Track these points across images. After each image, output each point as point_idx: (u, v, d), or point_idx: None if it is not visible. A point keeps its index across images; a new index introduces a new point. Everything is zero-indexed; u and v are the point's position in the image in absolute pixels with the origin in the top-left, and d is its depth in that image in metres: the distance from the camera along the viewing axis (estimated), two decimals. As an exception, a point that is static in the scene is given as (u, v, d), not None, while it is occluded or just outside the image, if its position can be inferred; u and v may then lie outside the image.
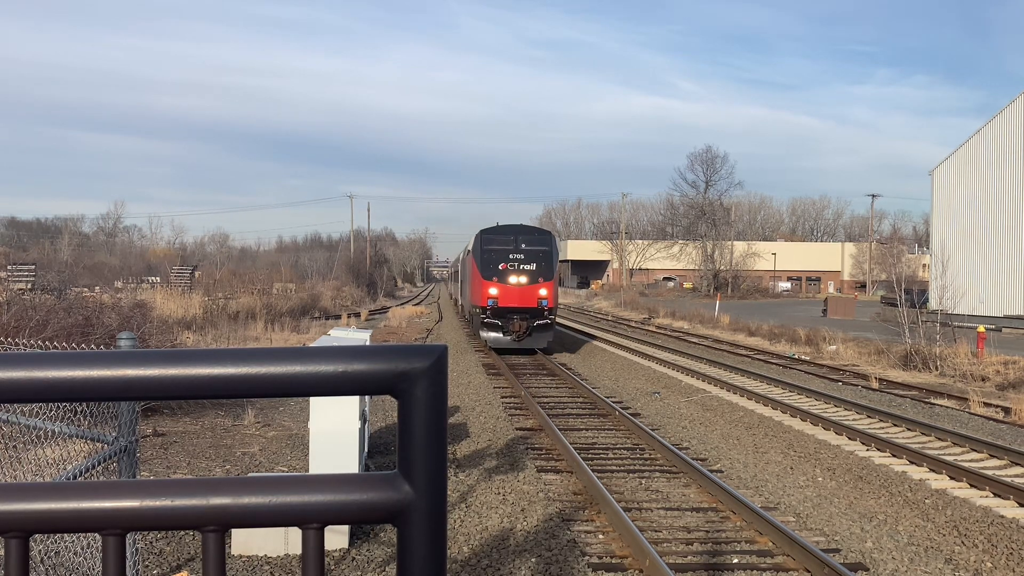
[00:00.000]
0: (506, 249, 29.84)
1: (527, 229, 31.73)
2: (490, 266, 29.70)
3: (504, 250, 29.84)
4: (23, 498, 1.01)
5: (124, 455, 5.81)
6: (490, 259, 29.81)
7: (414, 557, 1.03)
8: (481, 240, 30.71)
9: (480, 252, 30.28)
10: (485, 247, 30.30)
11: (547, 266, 29.89)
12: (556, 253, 30.82)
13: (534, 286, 29.41)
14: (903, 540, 9.91)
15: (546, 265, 29.88)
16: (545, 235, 31.67)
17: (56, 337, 14.04)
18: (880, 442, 14.94)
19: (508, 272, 29.42)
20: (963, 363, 26.33)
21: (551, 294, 29.60)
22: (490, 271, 29.66)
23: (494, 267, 29.60)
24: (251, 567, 8.39)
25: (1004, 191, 50.48)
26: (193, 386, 1.02)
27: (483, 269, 29.79)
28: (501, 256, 29.71)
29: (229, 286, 50.42)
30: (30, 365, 1.02)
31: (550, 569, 8.65)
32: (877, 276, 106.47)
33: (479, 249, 30.37)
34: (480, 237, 30.86)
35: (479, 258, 30.20)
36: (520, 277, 29.39)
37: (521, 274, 29.46)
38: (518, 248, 29.95)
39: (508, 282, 29.31)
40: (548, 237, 31.42)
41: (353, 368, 1.03)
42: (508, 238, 30.44)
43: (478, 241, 30.79)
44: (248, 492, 1.02)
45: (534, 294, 29.29)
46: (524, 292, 29.20)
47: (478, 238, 30.90)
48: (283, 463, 12.95)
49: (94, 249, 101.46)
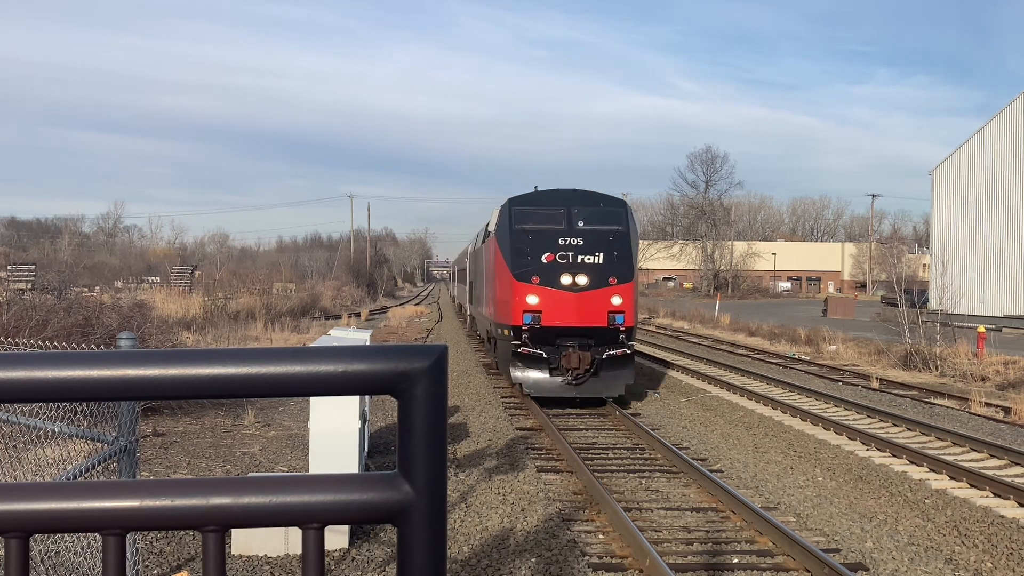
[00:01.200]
0: (553, 230, 18.94)
1: (587, 197, 20.01)
2: (526, 257, 18.63)
3: (550, 231, 18.91)
4: (23, 498, 1.01)
5: (124, 455, 5.81)
6: (527, 246, 18.80)
7: (414, 557, 1.03)
8: (511, 215, 19.42)
9: (510, 235, 19.09)
10: (518, 226, 19.13)
11: (623, 257, 18.76)
12: (636, 235, 19.74)
13: (602, 291, 18.33)
14: (903, 540, 9.91)
15: (621, 255, 18.75)
16: (617, 206, 19.94)
17: (56, 337, 14.04)
18: (880, 442, 14.94)
19: (558, 267, 18.41)
20: (963, 363, 26.33)
21: (630, 304, 18.43)
22: (527, 266, 18.54)
23: (534, 259, 18.56)
24: (251, 567, 8.39)
25: (1004, 191, 50.49)
26: (193, 386, 1.02)
27: (515, 263, 18.61)
28: (545, 241, 18.76)
29: (229, 286, 50.42)
30: (30, 365, 1.02)
31: (550, 569, 8.65)
32: (877, 276, 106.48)
33: (508, 230, 19.19)
34: (509, 211, 19.55)
35: (508, 245, 19.03)
36: (578, 275, 18.31)
37: (580, 270, 18.39)
38: (573, 227, 19.01)
39: (558, 284, 18.25)
40: (622, 210, 19.80)
41: (353, 368, 1.03)
42: (556, 211, 19.37)
43: (505, 217, 19.54)
44: (248, 492, 1.02)
45: (602, 304, 18.28)
46: (586, 301, 18.22)
47: (505, 213, 19.64)
48: (283, 463, 12.95)
49: (94, 249, 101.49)
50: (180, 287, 48.21)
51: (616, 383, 18.42)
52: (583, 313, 18.14)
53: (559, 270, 18.34)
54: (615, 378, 18.38)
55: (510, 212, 19.54)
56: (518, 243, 18.89)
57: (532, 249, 18.70)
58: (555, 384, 18.26)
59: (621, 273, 18.45)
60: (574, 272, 18.31)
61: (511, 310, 18.43)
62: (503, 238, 19.32)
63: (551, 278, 18.27)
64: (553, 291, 18.22)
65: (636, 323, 19.25)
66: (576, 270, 18.33)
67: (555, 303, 18.19)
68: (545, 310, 18.18)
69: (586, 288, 18.23)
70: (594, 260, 18.49)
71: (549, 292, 18.22)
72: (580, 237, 18.75)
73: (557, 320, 18.15)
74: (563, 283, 18.25)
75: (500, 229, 19.69)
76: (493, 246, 20.54)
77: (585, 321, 18.13)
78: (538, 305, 18.22)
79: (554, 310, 18.17)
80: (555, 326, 18.13)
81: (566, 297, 18.21)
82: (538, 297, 18.24)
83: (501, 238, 19.46)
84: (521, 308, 18.24)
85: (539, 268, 18.39)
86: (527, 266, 18.49)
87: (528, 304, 18.22)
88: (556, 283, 18.23)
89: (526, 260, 18.56)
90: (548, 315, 18.16)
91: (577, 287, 18.23)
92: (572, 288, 18.22)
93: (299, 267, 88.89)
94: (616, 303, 18.24)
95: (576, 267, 18.38)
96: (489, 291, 21.98)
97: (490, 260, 21.63)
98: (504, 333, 19.05)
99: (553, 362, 18.20)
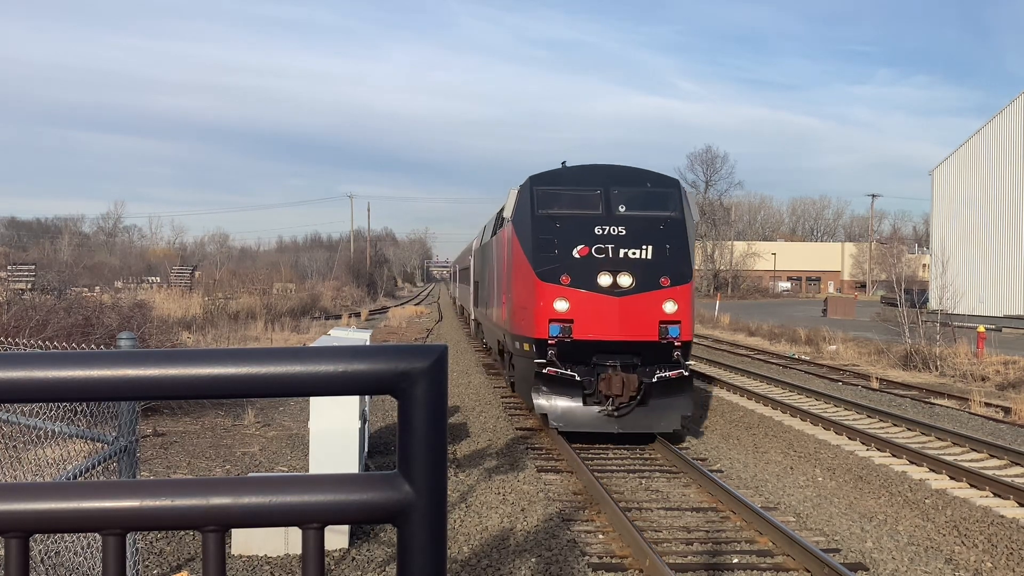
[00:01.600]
0: (588, 216, 15.20)
1: (630, 174, 16.26)
2: (553, 251, 14.90)
3: (584, 218, 15.16)
4: (23, 498, 1.01)
5: (124, 455, 5.81)
6: (553, 236, 15.02)
7: (414, 557, 1.03)
8: (533, 198, 15.60)
9: (531, 222, 15.30)
10: (542, 211, 15.36)
11: (678, 251, 15.09)
12: (693, 223, 15.94)
13: (652, 295, 14.60)
14: (903, 540, 9.91)
15: (675, 249, 15.06)
16: (668, 186, 16.11)
17: (56, 337, 14.05)
18: (880, 442, 14.94)
19: (594, 264, 14.68)
20: (963, 363, 26.34)
21: (687, 311, 14.80)
22: (554, 262, 14.79)
23: (563, 254, 14.81)
24: (251, 567, 8.39)
25: (1004, 191, 50.49)
26: (193, 386, 1.03)
27: (538, 258, 14.92)
28: (577, 230, 15.01)
29: (229, 286, 50.43)
30: (30, 365, 1.02)
31: (550, 569, 8.65)
32: (877, 276, 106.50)
33: (529, 216, 15.43)
34: (531, 192, 15.71)
35: (529, 235, 15.25)
36: (621, 275, 14.60)
37: (623, 268, 14.66)
38: (613, 212, 15.27)
39: (595, 286, 14.55)
40: (675, 191, 15.98)
41: (353, 368, 1.03)
42: (590, 192, 15.63)
43: (526, 199, 15.75)
44: (248, 492, 1.02)
45: (652, 312, 14.60)
46: (631, 308, 14.52)
47: (526, 194, 15.84)
48: (283, 463, 12.95)
49: (94, 249, 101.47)
50: (180, 287, 48.22)
51: (669, 414, 14.50)
52: (627, 323, 14.41)
53: (596, 267, 14.57)
54: (668, 408, 14.47)
55: (532, 193, 15.57)
56: (542, 233, 15.04)
57: (561, 241, 14.85)
58: (590, 415, 14.43)
59: (675, 272, 14.70)
60: (615, 270, 14.54)
61: (533, 319, 14.71)
62: (523, 226, 15.48)
63: (585, 278, 14.54)
64: (588, 294, 14.47)
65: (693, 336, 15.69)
66: (618, 267, 14.57)
67: (591, 310, 14.46)
68: (578, 319, 14.46)
69: (631, 291, 14.49)
70: (641, 255, 14.71)
71: (583, 296, 14.47)
72: (622, 225, 14.98)
73: (593, 332, 14.44)
74: (601, 284, 14.48)
75: (519, 215, 15.74)
76: (509, 237, 16.49)
77: (629, 333, 14.42)
78: (568, 312, 14.47)
79: (589, 319, 14.46)
80: (591, 340, 14.43)
81: (605, 302, 14.46)
82: (568, 302, 14.46)
83: (520, 227, 15.59)
84: (546, 316, 14.50)
85: (570, 265, 14.64)
86: (554, 262, 14.70)
87: (555, 311, 14.47)
88: (592, 284, 14.49)
89: (553, 255, 14.79)
90: (582, 325, 14.46)
91: (619, 289, 14.49)
92: (613, 291, 14.49)
93: (299, 267, 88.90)
94: (669, 310, 14.49)
95: (618, 264, 14.60)
96: (503, 294, 18.07)
97: (505, 255, 17.68)
98: (523, 348, 15.40)
99: (588, 387, 14.42)
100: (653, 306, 14.49)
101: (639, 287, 14.52)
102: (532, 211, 15.39)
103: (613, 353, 14.41)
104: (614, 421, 14.35)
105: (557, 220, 15.16)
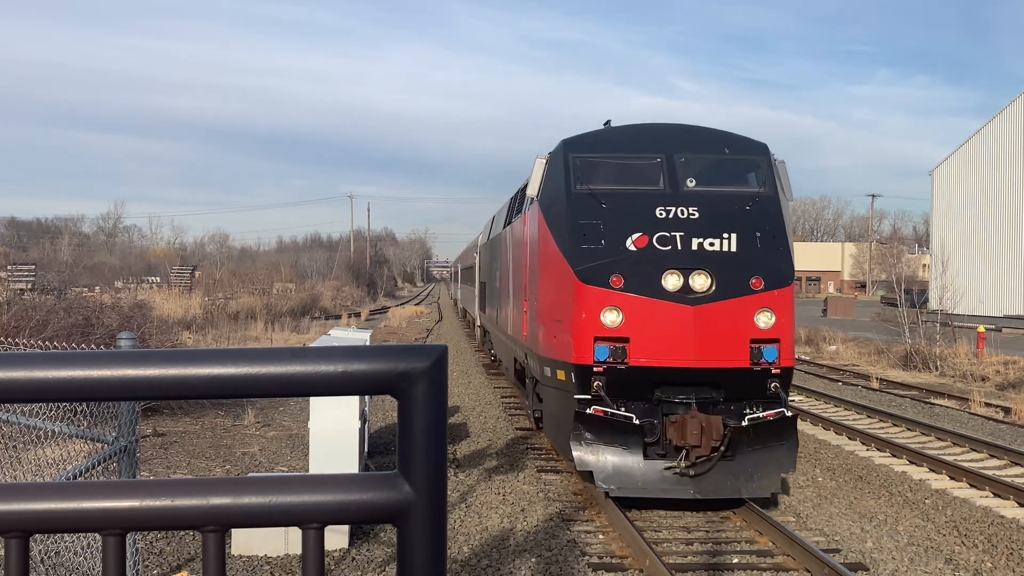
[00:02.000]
0: (645, 193, 11.35)
1: (700, 137, 12.39)
2: (599, 242, 10.95)
3: (639, 196, 11.33)
4: (23, 498, 1.01)
5: (124, 455, 5.81)
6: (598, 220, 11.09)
7: (414, 557, 1.03)
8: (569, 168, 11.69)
9: (567, 201, 11.41)
10: (582, 186, 11.47)
11: (773, 239, 11.14)
12: (788, 203, 11.88)
13: (739, 302, 10.67)
14: (903, 540, 9.91)
15: (769, 237, 11.12)
16: (754, 152, 12.13)
17: (56, 337, 14.05)
18: (880, 442, 14.94)
19: (657, 259, 10.75)
20: (963, 363, 26.34)
21: (787, 326, 10.87)
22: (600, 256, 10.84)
23: (612, 245, 10.90)
24: (251, 567, 8.39)
25: (1004, 191, 50.50)
26: (193, 386, 1.03)
27: (577, 251, 10.98)
28: (631, 212, 11.14)
29: (229, 286, 50.46)
30: (30, 365, 1.02)
31: (550, 569, 8.65)
32: (877, 276, 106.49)
33: (564, 193, 11.54)
34: (565, 161, 11.78)
35: (565, 219, 11.34)
36: (695, 274, 10.68)
37: (696, 264, 10.73)
38: (680, 187, 11.41)
39: (658, 289, 10.62)
40: (763, 160, 11.96)
41: (353, 368, 1.03)
42: (647, 161, 11.78)
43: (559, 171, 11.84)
44: (248, 492, 1.02)
45: (740, 326, 10.65)
46: (710, 321, 10.57)
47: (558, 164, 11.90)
48: (283, 463, 12.95)
49: (94, 249, 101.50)
50: (180, 287, 48.23)
51: (765, 473, 10.47)
52: (705, 343, 10.31)
53: (659, 264, 10.49)
54: (764, 463, 10.45)
55: (567, 163, 11.49)
56: (583, 216, 10.94)
57: (609, 227, 10.78)
58: (655, 474, 10.40)
59: (771, 270, 10.63)
60: (687, 268, 10.49)
61: (571, 336, 10.64)
62: (555, 208, 11.44)
63: (645, 278, 10.45)
64: (649, 302, 10.40)
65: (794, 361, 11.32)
66: (691, 264, 10.51)
67: (654, 324, 10.36)
68: (635, 337, 10.37)
69: (710, 297, 10.41)
70: (722, 247, 10.67)
71: (642, 304, 10.40)
72: (694, 205, 10.88)
73: (658, 356, 10.32)
74: (667, 288, 10.40)
75: (550, 193, 11.76)
76: (535, 224, 12.42)
77: (709, 357, 10.30)
78: (622, 328, 10.38)
79: (652, 337, 10.35)
80: (654, 366, 10.33)
81: (674, 313, 10.35)
82: (622, 313, 10.38)
83: (552, 209, 11.57)
84: (590, 333, 10.40)
85: (623, 261, 10.55)
86: (601, 257, 10.60)
87: (604, 326, 10.37)
88: (655, 288, 10.41)
89: (599, 247, 10.68)
90: (641, 346, 10.36)
91: (693, 295, 10.41)
92: (684, 297, 10.40)
93: (299, 267, 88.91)
94: (764, 324, 10.43)
95: (691, 259, 10.54)
96: (523, 299, 13.93)
97: (527, 248, 13.50)
98: (556, 376, 11.33)
99: (651, 433, 10.37)
100: (741, 318, 10.42)
101: (721, 292, 10.44)
102: (568, 187, 11.30)
103: (685, 385, 10.39)
104: (689, 482, 10.36)
105: (603, 199, 11.04)
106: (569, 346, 10.78)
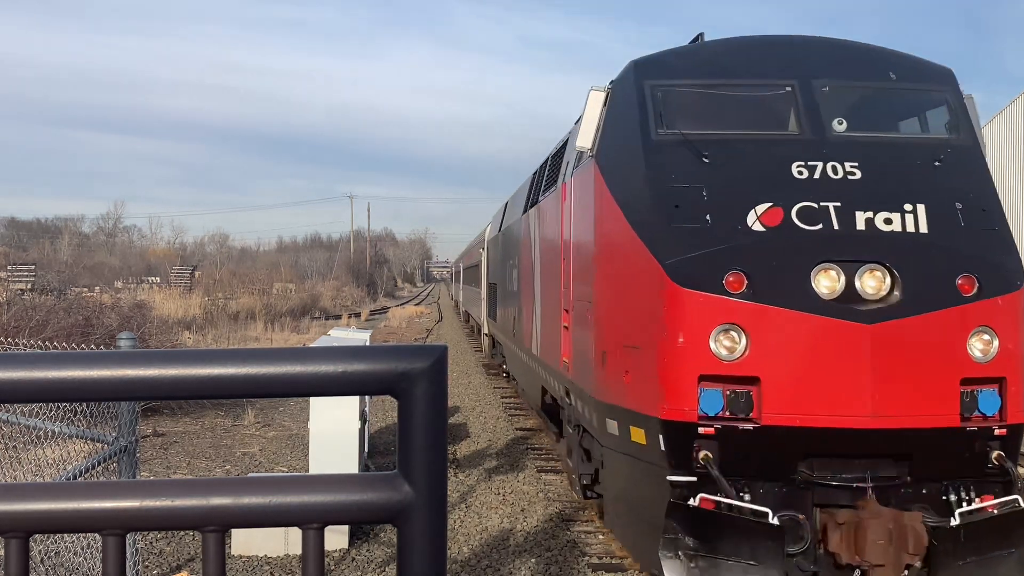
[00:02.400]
0: (772, 140, 7.28)
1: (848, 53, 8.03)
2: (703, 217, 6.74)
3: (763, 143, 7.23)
4: (23, 498, 1.01)
5: (124, 455, 5.82)
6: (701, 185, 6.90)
7: (414, 557, 1.03)
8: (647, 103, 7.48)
9: (644, 155, 7.22)
10: (667, 130, 7.28)
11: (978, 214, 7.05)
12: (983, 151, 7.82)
13: (939, 316, 6.40)
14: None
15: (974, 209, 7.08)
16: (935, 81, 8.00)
17: (56, 337, 14.05)
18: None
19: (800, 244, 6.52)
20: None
21: (1014, 351, 6.52)
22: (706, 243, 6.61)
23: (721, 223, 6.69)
24: (251, 567, 8.39)
25: (1004, 191, 50.49)
26: (193, 386, 1.03)
27: (664, 233, 6.81)
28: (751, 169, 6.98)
29: (229, 286, 50.49)
30: (30, 365, 1.02)
31: (550, 569, 8.65)
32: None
33: (639, 141, 7.34)
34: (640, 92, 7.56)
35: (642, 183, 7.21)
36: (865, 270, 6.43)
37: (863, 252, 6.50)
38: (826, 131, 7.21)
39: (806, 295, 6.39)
40: (948, 89, 7.86)
41: (353, 368, 1.03)
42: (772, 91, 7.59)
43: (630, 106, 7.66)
44: (248, 492, 1.02)
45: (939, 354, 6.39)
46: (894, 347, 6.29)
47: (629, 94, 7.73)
48: (283, 463, 12.95)
49: (94, 249, 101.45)
50: (180, 287, 48.24)
51: None
52: (887, 385, 6.41)
53: (805, 253, 6.65)
54: None
55: (643, 96, 7.69)
56: (674, 177, 7.17)
57: (716, 194, 7.00)
58: None
59: (987, 264, 6.86)
60: (851, 260, 6.63)
61: (657, 371, 6.85)
62: (625, 165, 7.76)
63: (783, 277, 6.62)
64: (791, 316, 6.52)
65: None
66: (856, 253, 6.66)
67: (799, 353, 6.53)
68: (769, 375, 6.52)
69: (892, 309, 6.54)
70: (904, 224, 6.82)
71: (779, 320, 6.53)
72: (852, 159, 7.12)
73: (807, 407, 6.47)
74: (820, 292, 6.56)
75: (614, 142, 8.03)
76: (590, 191, 8.48)
77: (893, 411, 6.41)
78: (746, 359, 6.55)
79: (796, 375, 6.54)
80: (801, 426, 6.46)
81: (834, 334, 6.47)
82: (745, 335, 6.54)
83: (619, 166, 7.88)
84: (692, 368, 6.61)
85: (743, 248, 6.71)
86: (705, 241, 6.79)
87: (715, 356, 6.57)
88: (798, 292, 6.55)
89: (702, 226, 6.86)
90: (778, 390, 6.51)
91: (864, 305, 6.56)
92: (849, 308, 6.52)
93: (299, 267, 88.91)
94: (981, 354, 6.63)
95: (856, 244, 6.70)
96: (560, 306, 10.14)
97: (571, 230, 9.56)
98: (628, 435, 7.42)
99: (795, 538, 6.44)
100: (945, 344, 6.58)
101: (911, 300, 6.56)
102: (647, 132, 7.48)
103: (852, 457, 6.59)
104: None
105: (705, 150, 7.21)
106: (654, 390, 6.85)
